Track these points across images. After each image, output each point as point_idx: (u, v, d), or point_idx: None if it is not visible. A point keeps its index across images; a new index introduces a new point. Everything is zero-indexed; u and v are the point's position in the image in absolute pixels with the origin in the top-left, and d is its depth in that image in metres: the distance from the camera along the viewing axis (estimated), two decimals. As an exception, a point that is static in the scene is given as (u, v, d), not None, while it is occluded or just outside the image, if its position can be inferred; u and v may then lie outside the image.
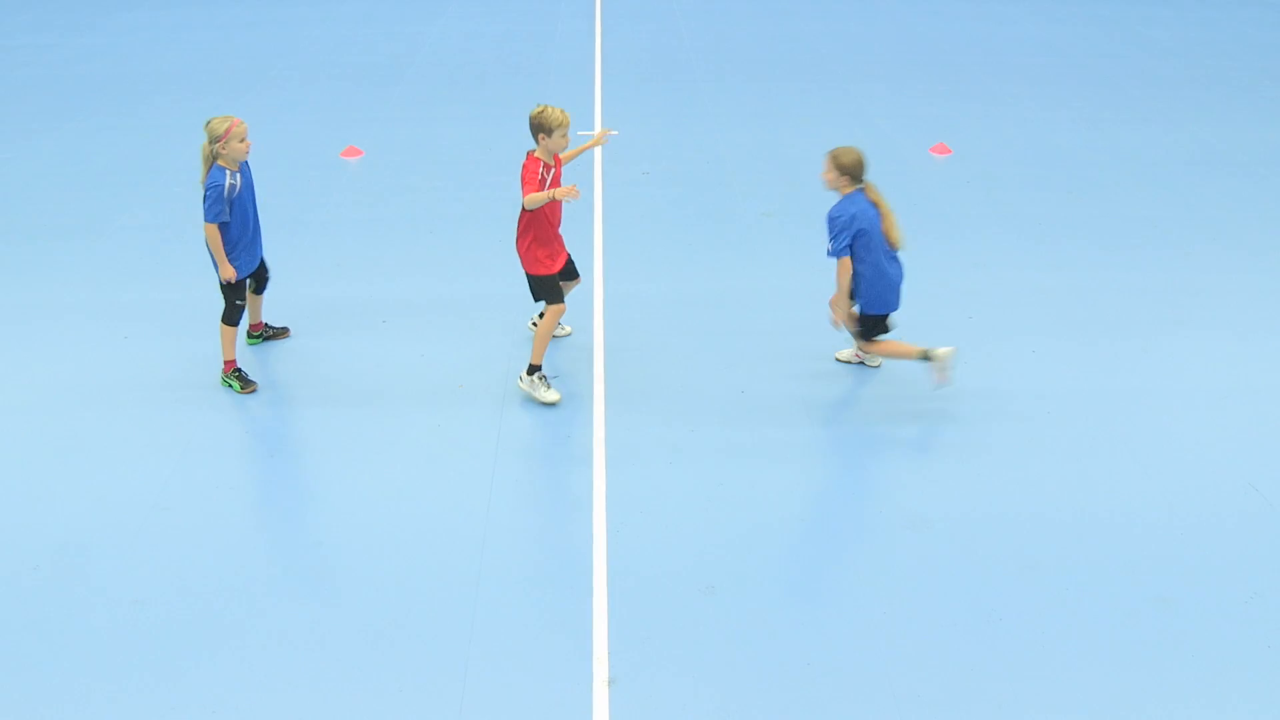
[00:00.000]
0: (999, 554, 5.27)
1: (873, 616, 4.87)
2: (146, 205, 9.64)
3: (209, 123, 6.39)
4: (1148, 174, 10.47)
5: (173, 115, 12.39)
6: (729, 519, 5.53)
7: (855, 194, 6.36)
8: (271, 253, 7.07)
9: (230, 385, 6.64)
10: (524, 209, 6.29)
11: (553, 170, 6.32)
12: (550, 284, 6.50)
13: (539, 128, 6.25)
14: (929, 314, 7.57)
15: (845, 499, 5.68)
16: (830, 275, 6.46)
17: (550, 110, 6.26)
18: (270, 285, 7.17)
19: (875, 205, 6.38)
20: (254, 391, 6.62)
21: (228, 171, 6.42)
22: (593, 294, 7.83)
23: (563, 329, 7.28)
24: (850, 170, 6.36)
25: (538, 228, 6.35)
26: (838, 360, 6.97)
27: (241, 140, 6.38)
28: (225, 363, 6.68)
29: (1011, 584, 5.07)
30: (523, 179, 6.27)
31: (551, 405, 6.46)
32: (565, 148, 6.41)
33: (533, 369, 6.51)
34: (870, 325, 6.50)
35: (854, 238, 6.26)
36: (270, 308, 7.33)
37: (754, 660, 4.63)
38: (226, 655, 4.66)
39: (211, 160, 6.43)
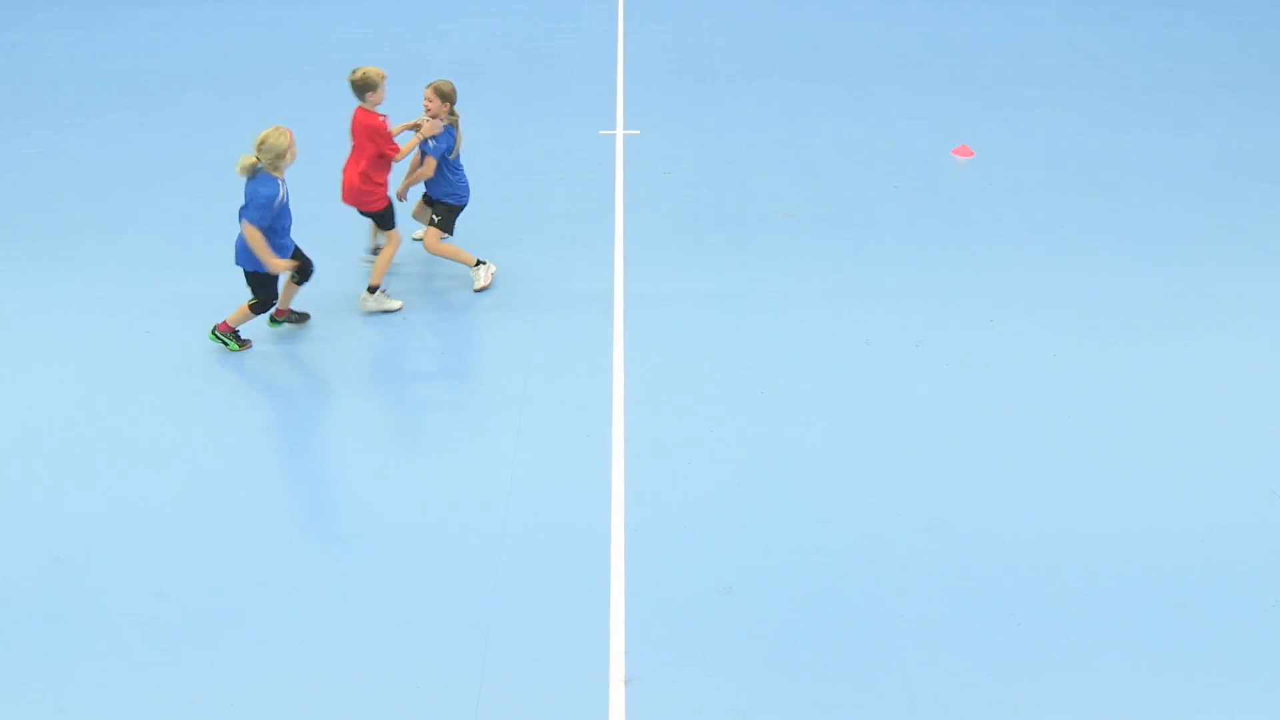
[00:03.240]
0: (1018, 558, 5.26)
1: (890, 618, 4.87)
2: (171, 201, 9.71)
3: (266, 138, 6.52)
4: (1172, 177, 10.40)
5: (198, 112, 12.46)
6: (748, 519, 5.53)
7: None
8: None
9: (225, 343, 6.98)
10: (391, 158, 7.44)
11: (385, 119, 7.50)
12: (389, 213, 7.66)
13: (365, 86, 7.32)
14: (950, 316, 7.55)
15: (864, 500, 5.67)
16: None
17: (371, 70, 7.35)
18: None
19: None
20: (249, 348, 7.03)
21: (279, 181, 6.59)
22: (613, 293, 7.84)
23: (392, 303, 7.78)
24: (450, 97, 7.62)
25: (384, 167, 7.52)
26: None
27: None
28: (223, 324, 6.99)
29: (1030, 588, 5.05)
30: (380, 133, 7.38)
31: (398, 310, 7.49)
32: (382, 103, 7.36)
33: (372, 289, 7.53)
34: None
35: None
36: (294, 300, 7.37)
37: (771, 661, 4.63)
38: (244, 648, 4.69)
39: (256, 168, 6.56)
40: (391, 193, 7.82)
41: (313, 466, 5.98)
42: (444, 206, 7.91)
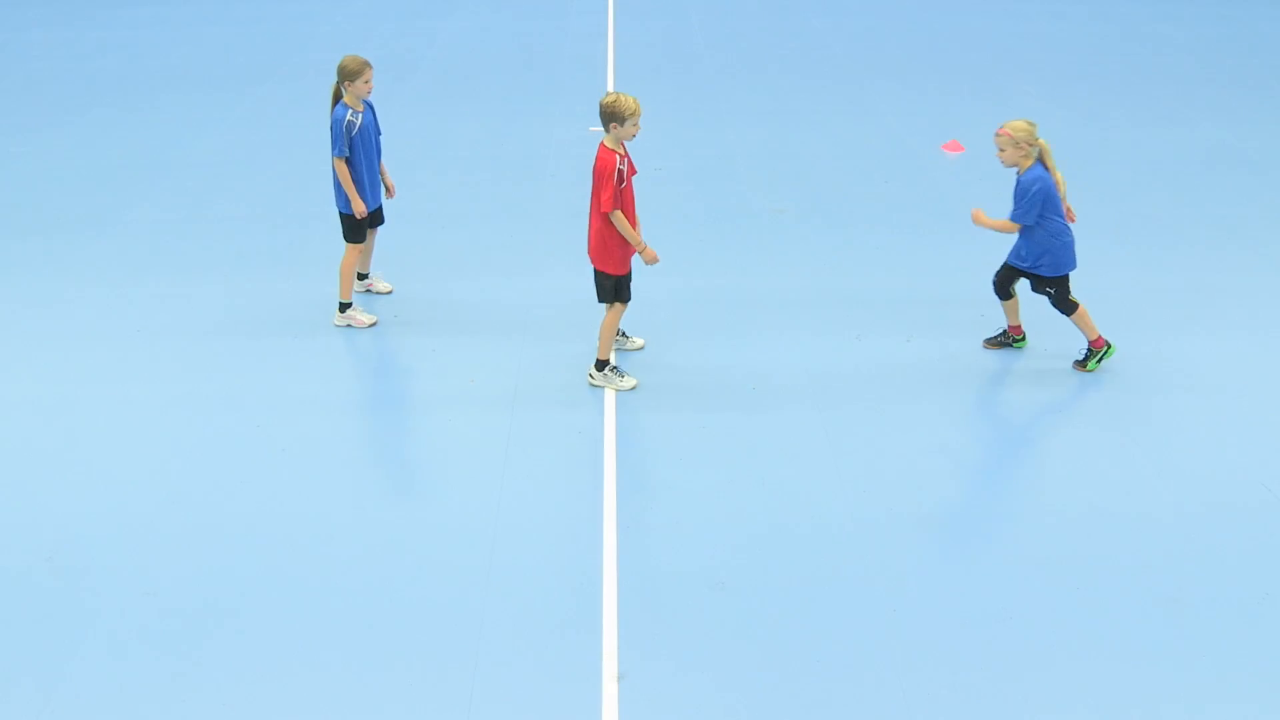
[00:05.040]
0: (1010, 552, 5.26)
1: (883, 613, 4.86)
2: (159, 199, 9.67)
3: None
4: (1161, 173, 10.43)
5: (184, 110, 12.42)
6: (739, 515, 5.52)
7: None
8: (282, 246, 7.10)
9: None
10: (601, 210, 6.21)
11: (626, 160, 6.24)
12: (620, 284, 6.50)
13: (611, 116, 6.16)
14: (940, 312, 7.56)
15: (856, 496, 5.67)
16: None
17: (624, 98, 6.16)
18: (281, 279, 7.18)
19: None
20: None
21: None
22: (604, 290, 7.82)
23: (633, 341, 7.10)
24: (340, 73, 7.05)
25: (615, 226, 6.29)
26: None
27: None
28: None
29: (1022, 582, 5.06)
30: (599, 174, 6.16)
31: (631, 390, 6.57)
32: (635, 137, 6.27)
33: (601, 364, 6.58)
34: None
35: None
36: (282, 301, 7.34)
37: (763, 657, 4.63)
38: (236, 648, 4.67)
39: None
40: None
41: (305, 466, 5.96)
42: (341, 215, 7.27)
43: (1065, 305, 6.74)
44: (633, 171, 6.30)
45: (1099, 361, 6.77)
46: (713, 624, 4.80)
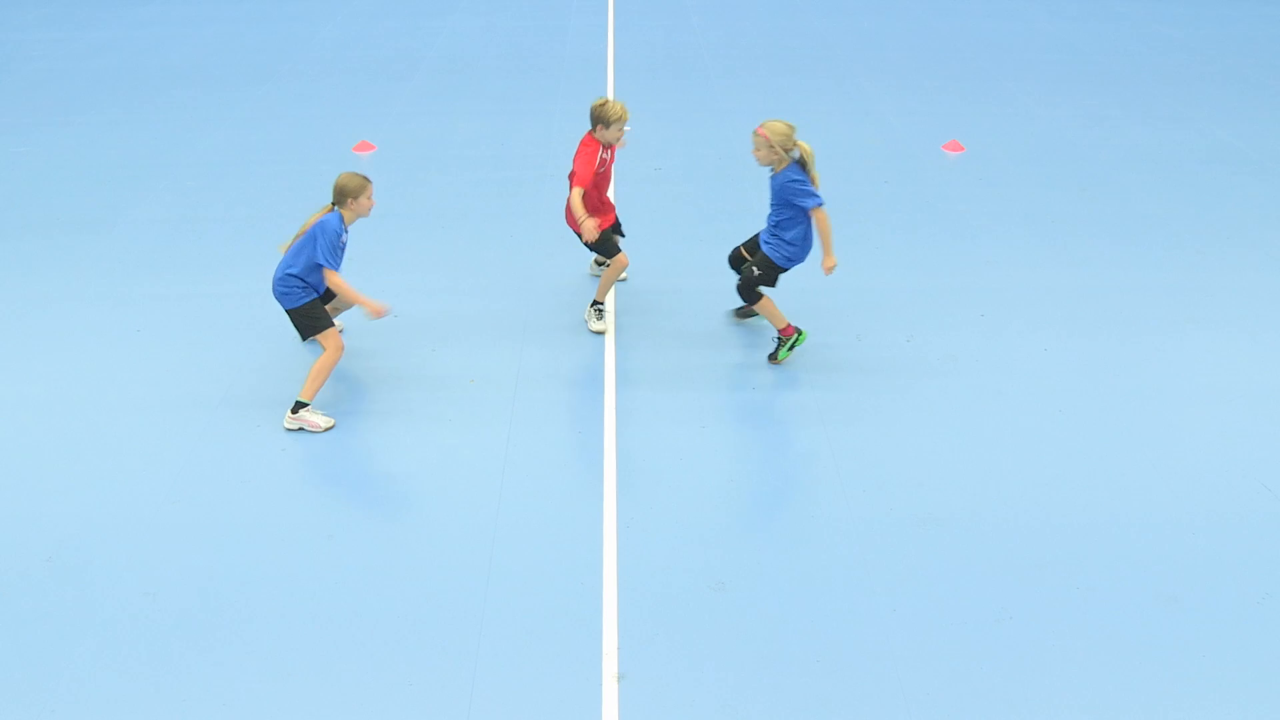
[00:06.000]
0: (1009, 553, 5.26)
1: (882, 614, 4.87)
2: (159, 199, 9.67)
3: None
4: (1162, 172, 10.43)
5: (185, 109, 12.42)
6: (739, 515, 5.52)
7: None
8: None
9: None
10: (575, 183, 6.85)
11: (610, 150, 7.01)
12: (605, 239, 7.12)
13: (598, 118, 6.86)
14: (941, 311, 7.56)
15: (856, 497, 5.67)
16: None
17: (613, 103, 6.86)
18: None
19: None
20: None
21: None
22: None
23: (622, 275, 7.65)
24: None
25: (587, 201, 6.94)
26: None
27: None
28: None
29: (1021, 583, 5.06)
30: (578, 155, 6.88)
31: (600, 334, 7.14)
32: (620, 141, 6.98)
33: (596, 303, 7.26)
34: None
35: None
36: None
37: (763, 657, 4.63)
38: (236, 647, 4.67)
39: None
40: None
41: (304, 465, 5.96)
42: None
43: (752, 295, 6.89)
44: (612, 160, 7.10)
45: (790, 350, 6.89)
46: (713, 624, 4.81)
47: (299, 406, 6.24)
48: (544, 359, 6.94)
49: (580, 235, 6.89)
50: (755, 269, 6.84)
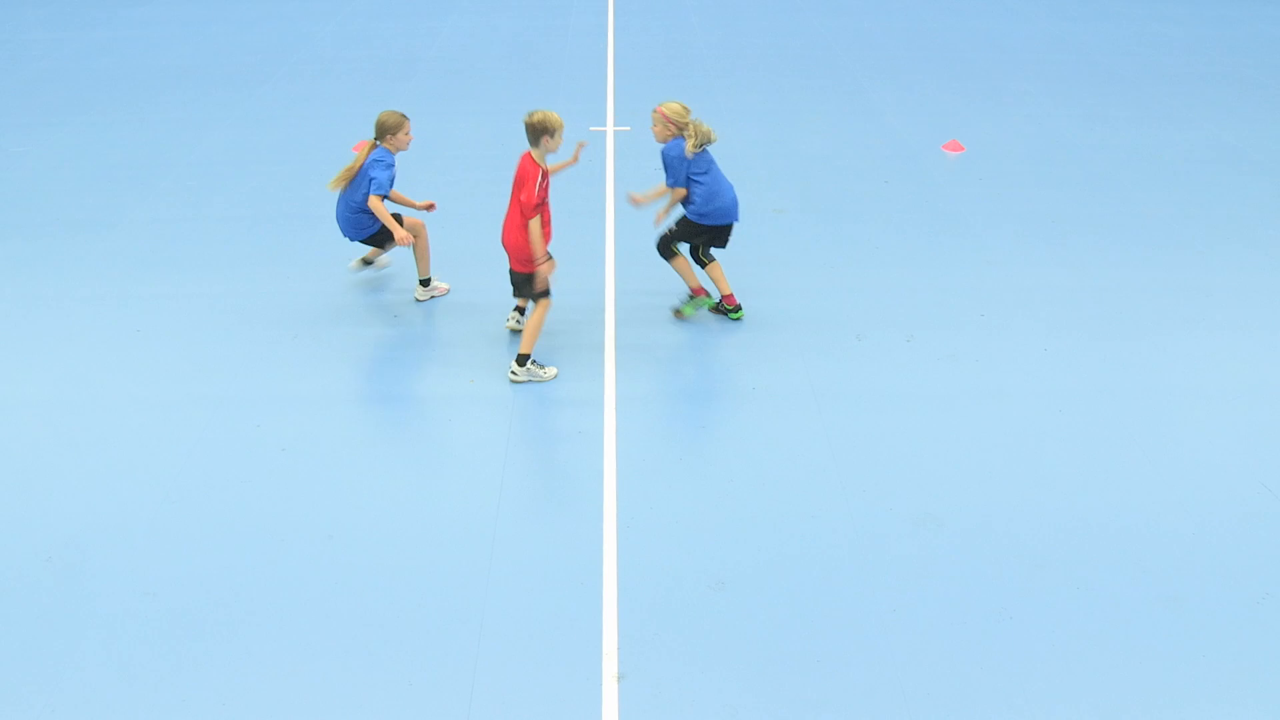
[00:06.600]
0: (1009, 552, 5.26)
1: (882, 613, 4.87)
2: (159, 199, 9.66)
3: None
4: (1162, 172, 10.43)
5: (185, 110, 12.41)
6: (739, 515, 5.52)
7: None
8: (282, 246, 7.12)
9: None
10: (523, 216, 6.45)
11: (547, 178, 6.56)
12: (539, 279, 6.63)
13: (542, 130, 6.43)
14: (941, 311, 7.56)
15: (855, 495, 5.67)
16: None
17: (552, 114, 6.52)
18: (281, 280, 7.18)
19: None
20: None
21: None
22: (604, 292, 7.83)
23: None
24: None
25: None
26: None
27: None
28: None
29: (1021, 582, 5.06)
30: (523, 181, 6.47)
31: (553, 379, 6.71)
32: (557, 149, 6.59)
33: (523, 358, 6.66)
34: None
35: None
36: (282, 301, 7.34)
37: (763, 656, 4.63)
38: (236, 647, 4.67)
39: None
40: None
41: (304, 465, 5.96)
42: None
43: (667, 252, 7.35)
44: (546, 193, 6.55)
45: (695, 309, 7.44)
46: (713, 624, 4.80)
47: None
48: (543, 359, 6.93)
49: (518, 271, 6.63)
50: (674, 226, 7.33)
